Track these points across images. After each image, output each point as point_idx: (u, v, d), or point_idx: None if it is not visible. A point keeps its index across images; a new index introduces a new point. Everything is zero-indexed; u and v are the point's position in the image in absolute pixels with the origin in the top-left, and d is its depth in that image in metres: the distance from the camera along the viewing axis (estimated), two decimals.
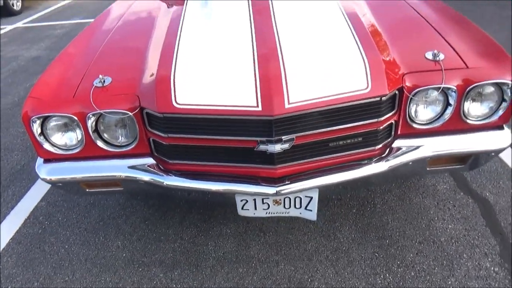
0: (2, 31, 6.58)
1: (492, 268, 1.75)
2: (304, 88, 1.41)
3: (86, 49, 1.88)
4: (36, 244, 2.08)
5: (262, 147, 1.45)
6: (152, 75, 1.55)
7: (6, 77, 4.50)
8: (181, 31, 1.78)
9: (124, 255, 1.96)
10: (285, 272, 1.81)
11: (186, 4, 2.13)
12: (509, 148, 2.50)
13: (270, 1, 1.95)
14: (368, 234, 1.97)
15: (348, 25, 1.71)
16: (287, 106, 1.38)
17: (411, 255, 1.85)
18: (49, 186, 2.52)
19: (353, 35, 1.63)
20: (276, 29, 1.67)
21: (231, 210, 2.15)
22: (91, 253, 1.99)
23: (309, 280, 1.77)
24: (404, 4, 2.04)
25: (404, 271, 1.78)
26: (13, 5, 7.64)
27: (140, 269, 1.88)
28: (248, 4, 1.93)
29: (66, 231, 2.15)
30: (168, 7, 2.20)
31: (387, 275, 1.77)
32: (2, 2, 7.30)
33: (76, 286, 1.83)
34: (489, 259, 1.80)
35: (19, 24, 7.02)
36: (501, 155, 2.47)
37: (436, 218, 2.03)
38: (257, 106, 1.38)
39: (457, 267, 1.77)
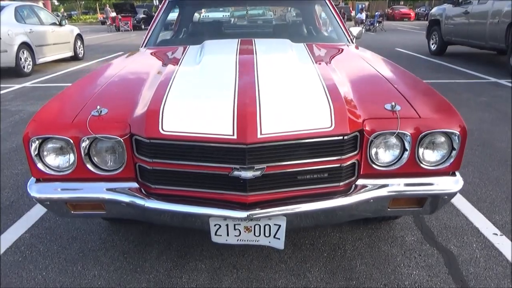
0: (10, 89, 6.96)
1: None
2: (276, 123, 1.62)
3: (88, 87, 2.12)
4: (14, 271, 2.12)
5: (236, 173, 1.62)
6: (144, 107, 1.76)
7: (8, 127, 4.72)
8: (174, 77, 2.03)
9: (100, 283, 2.01)
10: None
11: (182, 60, 2.43)
12: (475, 209, 2.68)
13: (254, 57, 2.24)
14: (337, 275, 2.06)
15: (320, 79, 1.97)
16: (259, 136, 1.57)
17: None
18: (34, 220, 2.62)
19: (323, 85, 1.89)
20: (257, 76, 1.93)
21: (207, 248, 2.25)
22: (67, 280, 2.04)
23: None
24: (370, 68, 2.34)
25: None
26: (24, 67, 8.15)
27: None
28: (236, 58, 2.21)
29: (45, 260, 2.20)
30: (166, 61, 2.50)
31: None
32: (14, 63, 7.81)
33: None
34: None
35: (27, 84, 7.44)
36: (467, 214, 2.63)
37: (402, 265, 2.13)
38: (233, 135, 1.58)
39: None
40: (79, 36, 10.90)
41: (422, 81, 2.17)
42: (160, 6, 3.42)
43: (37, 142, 1.72)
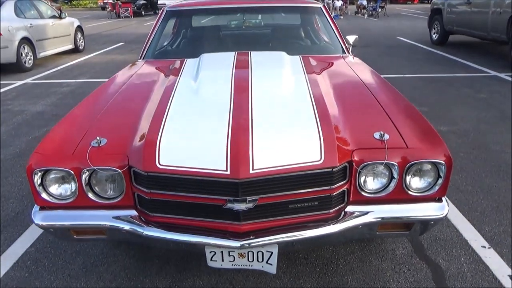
0: (12, 86, 7.02)
1: None
2: (267, 158, 1.69)
3: (88, 112, 2.19)
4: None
5: (230, 205, 1.70)
6: (141, 139, 1.84)
7: (11, 130, 4.80)
8: (170, 103, 2.10)
9: None
10: None
11: (179, 78, 2.49)
12: (466, 220, 2.76)
13: (249, 80, 2.29)
14: None
15: (313, 107, 2.02)
16: (251, 171, 1.64)
17: None
18: (39, 233, 2.71)
19: (315, 115, 1.94)
20: (251, 106, 1.98)
21: (204, 263, 2.34)
22: None
23: None
24: (365, 90, 2.39)
25: None
26: (25, 62, 8.18)
27: None
28: (231, 84, 2.27)
29: (51, 276, 2.31)
30: (164, 80, 2.55)
31: None
32: (15, 59, 7.84)
33: None
34: None
35: (29, 80, 7.49)
36: (458, 225, 2.71)
37: (391, 280, 2.22)
38: (226, 170, 1.65)
39: None
40: (79, 28, 10.87)
41: (411, 104, 2.23)
42: (157, 17, 3.46)
43: (39, 173, 1.80)
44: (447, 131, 4.40)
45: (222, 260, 1.84)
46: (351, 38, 3.56)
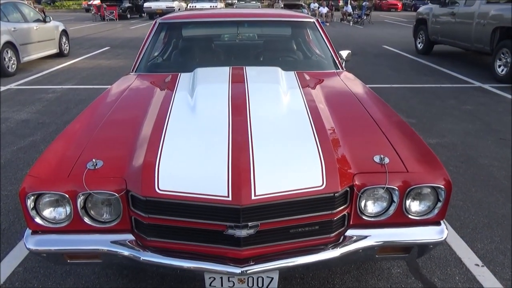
0: None
1: None
2: (269, 183, 1.67)
3: (83, 131, 2.13)
4: None
5: (230, 231, 1.67)
6: (139, 162, 1.80)
7: None
8: (167, 123, 2.07)
9: None
10: None
11: (174, 95, 2.45)
12: (458, 237, 2.79)
13: (247, 102, 2.26)
14: None
15: (312, 130, 2.01)
16: (253, 197, 1.62)
17: None
18: (27, 251, 2.62)
19: (315, 138, 1.94)
20: (250, 129, 1.96)
21: (200, 284, 2.30)
22: None
23: None
24: (363, 111, 2.40)
25: None
26: (8, 67, 7.99)
27: None
28: (228, 102, 2.24)
29: None
30: (158, 97, 2.51)
31: None
32: None
33: None
34: None
35: (12, 85, 7.31)
36: (451, 242, 2.73)
37: None
38: (228, 196, 1.62)
39: None
40: (64, 32, 10.68)
41: (407, 124, 2.24)
42: (149, 29, 3.41)
43: (32, 197, 1.74)
44: (436, 144, 4.45)
45: (221, 286, 1.80)
46: (344, 53, 3.58)
